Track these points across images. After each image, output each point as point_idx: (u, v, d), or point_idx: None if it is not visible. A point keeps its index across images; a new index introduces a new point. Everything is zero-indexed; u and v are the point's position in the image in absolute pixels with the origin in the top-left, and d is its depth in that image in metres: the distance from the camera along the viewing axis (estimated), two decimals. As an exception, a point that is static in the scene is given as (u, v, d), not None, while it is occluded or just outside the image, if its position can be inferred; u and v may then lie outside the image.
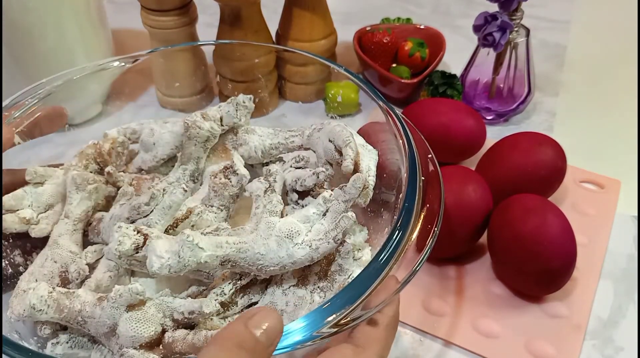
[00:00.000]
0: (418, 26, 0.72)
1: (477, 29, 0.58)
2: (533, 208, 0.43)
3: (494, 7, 0.57)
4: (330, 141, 0.39)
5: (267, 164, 0.44)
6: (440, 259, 0.48)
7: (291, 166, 0.43)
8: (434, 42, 0.69)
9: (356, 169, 0.37)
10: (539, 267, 0.42)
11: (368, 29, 0.70)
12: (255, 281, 0.35)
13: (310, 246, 0.32)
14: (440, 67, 0.67)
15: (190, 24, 0.59)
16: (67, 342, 0.33)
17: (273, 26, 0.64)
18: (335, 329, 0.27)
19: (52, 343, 0.33)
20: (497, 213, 0.45)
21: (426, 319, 0.44)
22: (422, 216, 0.33)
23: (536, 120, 0.65)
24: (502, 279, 0.47)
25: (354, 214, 0.33)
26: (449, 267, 0.48)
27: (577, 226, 0.44)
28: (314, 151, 0.42)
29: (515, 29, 0.58)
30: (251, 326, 0.24)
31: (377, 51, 0.68)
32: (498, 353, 0.42)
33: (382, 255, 0.30)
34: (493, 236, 0.45)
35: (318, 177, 0.40)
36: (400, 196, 0.35)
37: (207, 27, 0.65)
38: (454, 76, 0.63)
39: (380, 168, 0.39)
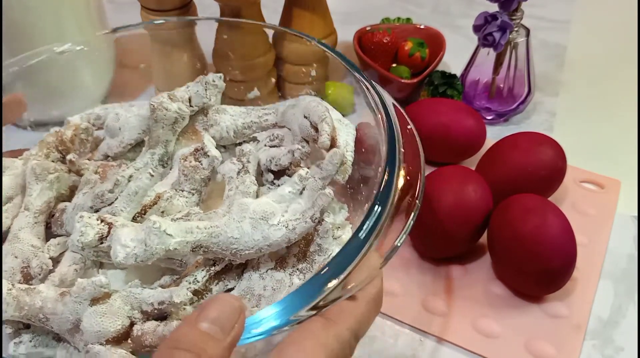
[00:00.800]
0: (418, 26, 0.72)
1: (477, 29, 0.58)
2: (533, 208, 0.43)
3: (494, 7, 0.57)
4: (305, 117, 0.37)
5: (240, 144, 0.41)
6: (440, 259, 0.48)
7: (265, 145, 0.40)
8: (434, 42, 0.69)
9: (333, 144, 0.35)
10: (539, 267, 0.42)
11: (368, 29, 0.70)
12: (230, 266, 0.33)
13: (286, 227, 0.31)
14: (440, 67, 0.66)
15: (190, 24, 0.59)
16: (31, 341, 0.31)
17: (273, 26, 0.64)
18: (314, 312, 0.26)
19: (14, 343, 0.31)
20: (497, 213, 0.45)
21: (426, 319, 0.44)
22: (402, 189, 0.31)
23: (536, 120, 0.65)
24: (502, 279, 0.46)
25: (331, 192, 0.32)
26: (449, 267, 0.48)
27: (577, 226, 0.44)
28: (289, 129, 0.40)
29: (515, 29, 0.58)
30: (200, 321, 0.23)
31: (377, 50, 0.68)
32: (498, 353, 0.42)
33: (362, 231, 0.28)
34: (493, 236, 0.45)
35: (293, 155, 0.37)
36: (379, 169, 0.33)
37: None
38: (454, 76, 0.63)
39: (359, 142, 0.37)
